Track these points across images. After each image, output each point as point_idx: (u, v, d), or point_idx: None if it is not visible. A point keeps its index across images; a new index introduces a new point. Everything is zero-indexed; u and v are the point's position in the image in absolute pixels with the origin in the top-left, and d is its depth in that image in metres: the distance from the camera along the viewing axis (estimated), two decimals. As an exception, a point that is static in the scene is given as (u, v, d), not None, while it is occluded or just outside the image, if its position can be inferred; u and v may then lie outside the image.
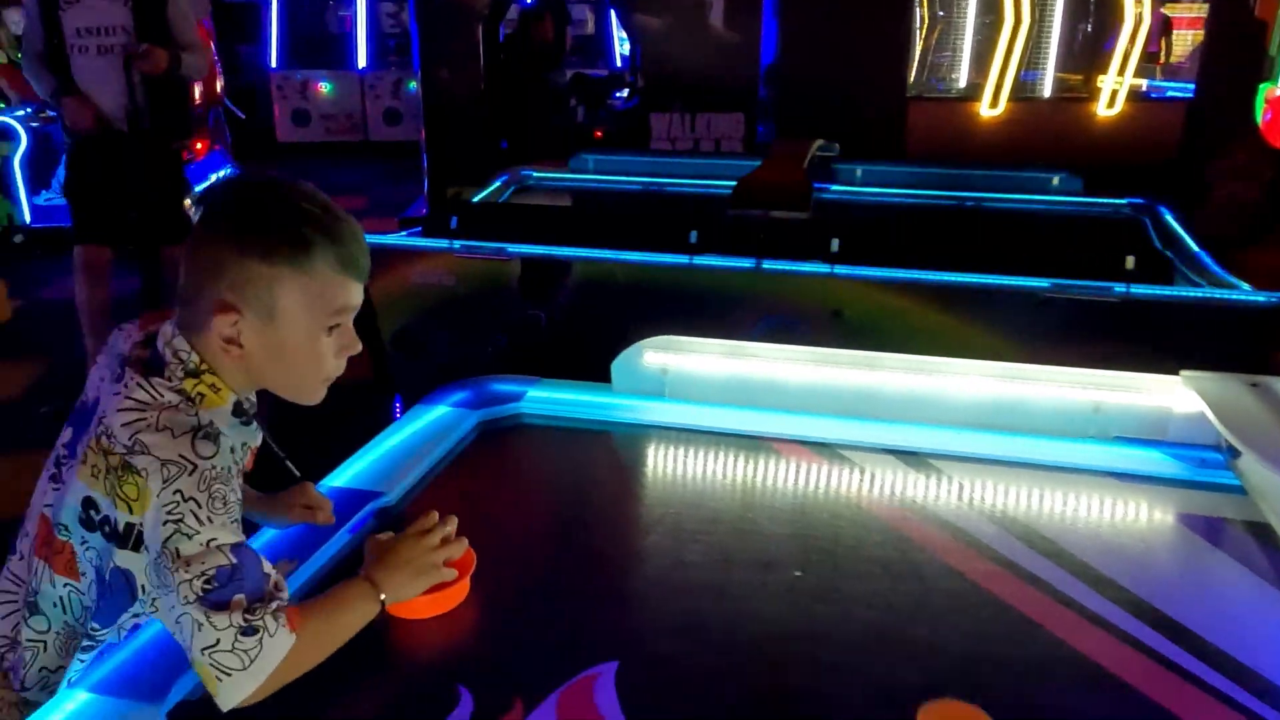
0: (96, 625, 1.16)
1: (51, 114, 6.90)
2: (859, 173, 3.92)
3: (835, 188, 3.81)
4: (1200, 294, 2.55)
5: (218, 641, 0.99)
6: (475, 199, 3.76)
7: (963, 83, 7.32)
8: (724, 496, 1.59)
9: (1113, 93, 6.18)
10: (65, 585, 1.12)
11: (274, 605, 1.04)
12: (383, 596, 1.13)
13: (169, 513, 1.01)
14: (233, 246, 1.05)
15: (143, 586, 1.12)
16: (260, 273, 1.05)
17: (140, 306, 3.92)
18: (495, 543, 1.47)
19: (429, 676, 1.13)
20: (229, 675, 1.00)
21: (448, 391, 1.90)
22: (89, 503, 1.07)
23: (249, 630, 1.00)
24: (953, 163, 4.09)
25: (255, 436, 1.22)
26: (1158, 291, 2.50)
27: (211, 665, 1.00)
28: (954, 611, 1.26)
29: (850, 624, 1.24)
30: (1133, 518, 1.52)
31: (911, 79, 6.73)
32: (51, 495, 1.14)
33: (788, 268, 2.70)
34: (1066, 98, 6.64)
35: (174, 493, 1.01)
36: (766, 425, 1.79)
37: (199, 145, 6.99)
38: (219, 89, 7.28)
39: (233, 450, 1.14)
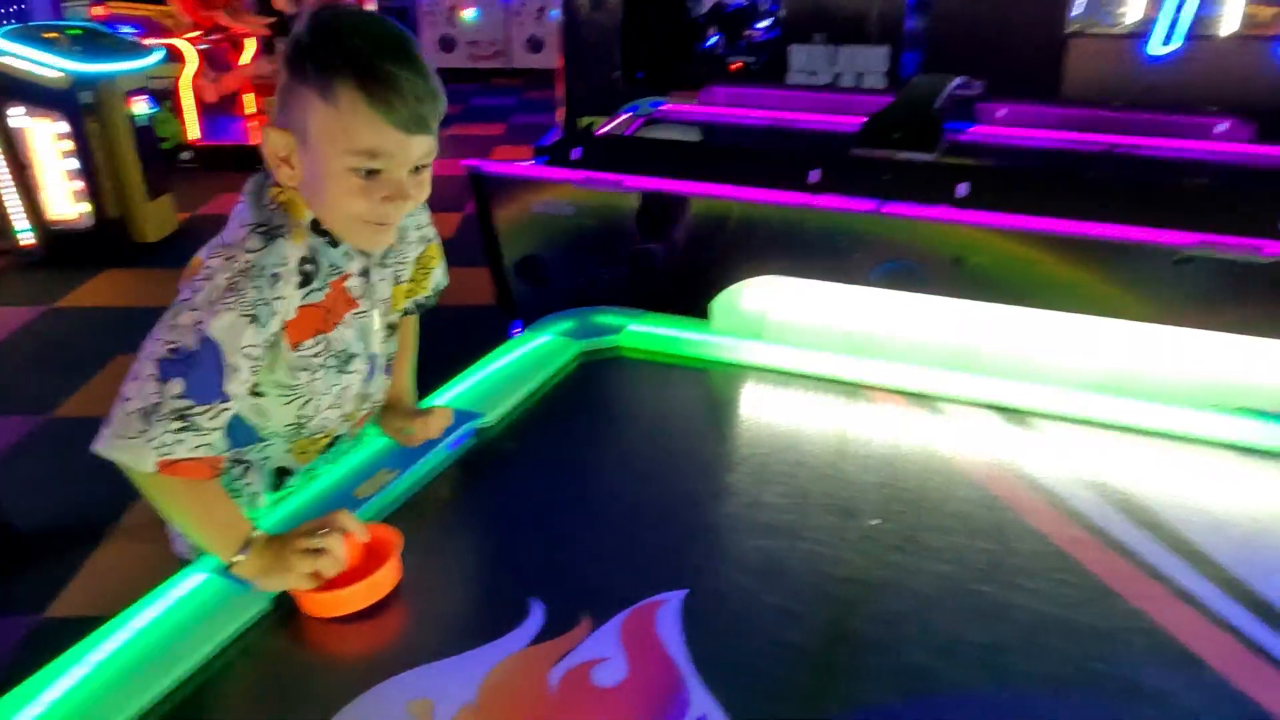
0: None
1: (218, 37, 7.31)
2: (1002, 113, 3.72)
3: (975, 128, 3.63)
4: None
5: (130, 400, 1.09)
6: (603, 130, 3.79)
7: (1132, 17, 6.76)
8: (813, 441, 1.60)
9: (1307, 30, 5.60)
10: None
11: (175, 428, 1.08)
12: (236, 559, 1.13)
13: (198, 277, 1.13)
14: (286, 65, 1.11)
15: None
16: (297, 93, 1.10)
17: None
18: (580, 468, 1.53)
19: (505, 588, 1.20)
20: (111, 427, 1.09)
21: (552, 320, 1.96)
22: None
23: (143, 416, 1.07)
24: (1107, 105, 3.82)
25: (344, 261, 1.25)
26: (1318, 254, 2.29)
27: (115, 409, 1.09)
28: (1028, 573, 1.23)
29: (921, 576, 1.24)
30: (1246, 495, 1.44)
31: (1077, 11, 6.28)
32: None
33: (910, 211, 2.62)
34: (1251, 35, 6.04)
35: (209, 265, 1.13)
36: (864, 372, 1.77)
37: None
38: (369, 14, 7.50)
39: (310, 262, 1.20)
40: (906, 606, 1.18)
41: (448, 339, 1.94)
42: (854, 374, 1.77)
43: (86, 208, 5.00)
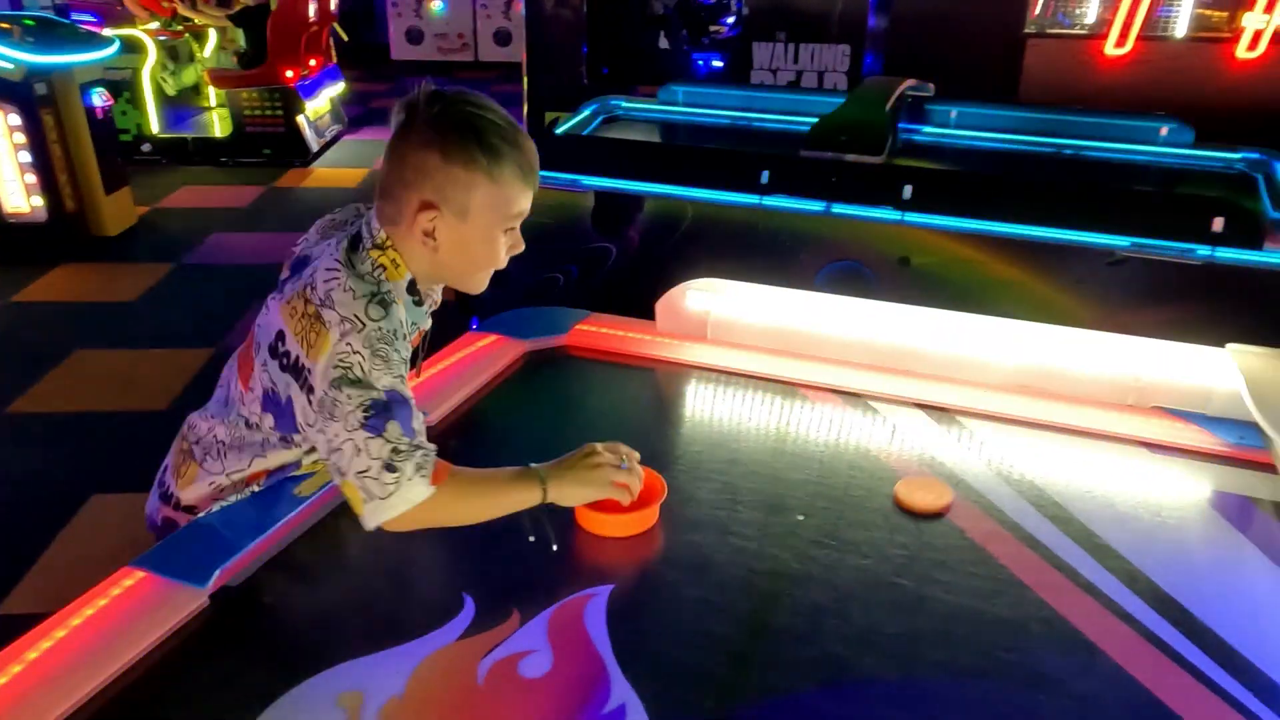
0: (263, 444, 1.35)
1: (179, 28, 7.24)
2: (954, 115, 3.79)
3: (927, 129, 3.70)
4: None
5: (368, 469, 1.17)
6: (562, 127, 3.81)
7: (1091, 18, 6.87)
8: (747, 439, 1.65)
9: (1256, 33, 5.73)
10: (236, 387, 1.35)
11: (418, 454, 1.18)
12: (547, 488, 1.26)
13: (340, 360, 1.18)
14: (438, 154, 1.21)
15: (300, 426, 1.27)
16: (460, 178, 1.21)
17: None
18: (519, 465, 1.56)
19: (439, 583, 1.24)
20: (371, 499, 1.17)
21: (501, 319, 2.00)
22: (281, 335, 1.25)
23: (390, 468, 1.16)
24: (1057, 107, 3.89)
25: (424, 319, 1.39)
26: (1246, 257, 2.38)
27: (360, 487, 1.17)
28: (943, 567, 1.29)
29: (841, 570, 1.29)
30: (1153, 490, 1.51)
31: (1037, 12, 6.38)
32: (261, 319, 1.33)
33: (857, 212, 2.68)
34: (1203, 37, 6.17)
35: (346, 344, 1.19)
36: (801, 372, 1.82)
37: (312, 62, 7.21)
38: (333, 6, 7.45)
39: (401, 321, 1.29)
40: (825, 599, 1.24)
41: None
42: (791, 374, 1.82)
43: (42, 201, 4.95)
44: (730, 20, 7.62)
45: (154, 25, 7.06)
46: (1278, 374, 1.56)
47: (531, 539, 1.30)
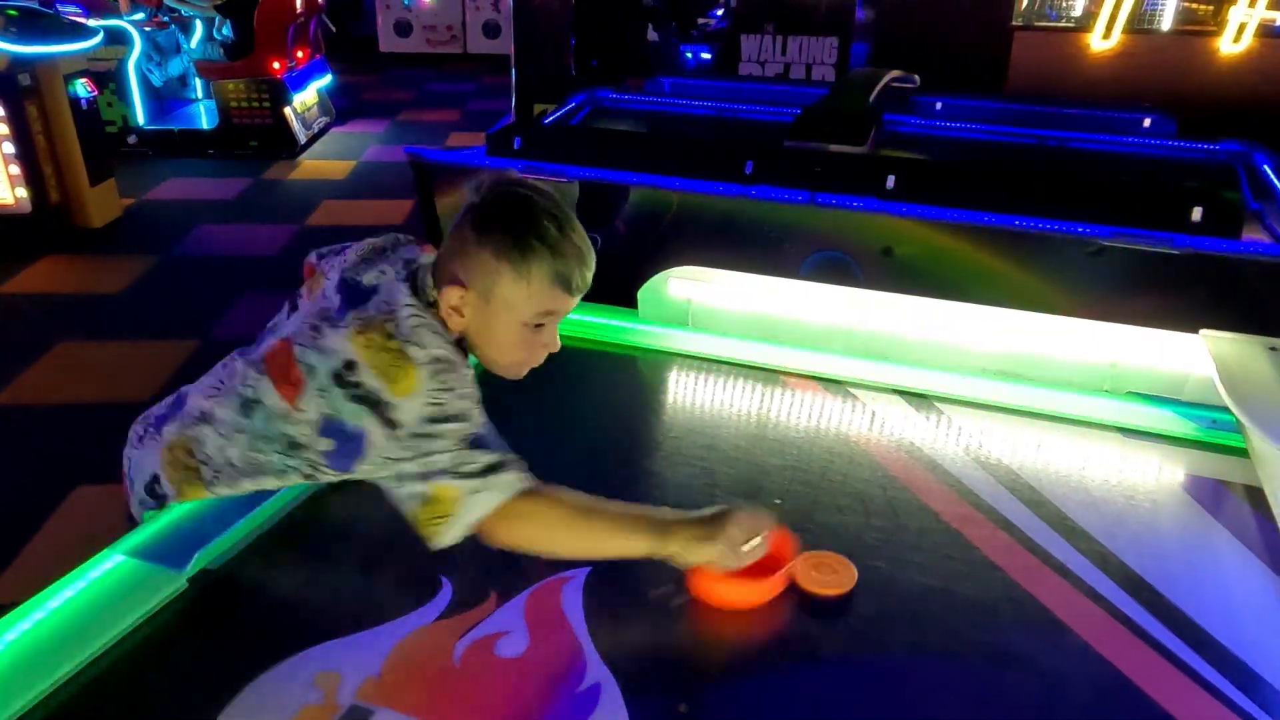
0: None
1: (165, 19, 7.21)
2: (938, 106, 3.80)
3: (912, 120, 3.71)
4: (1266, 251, 2.43)
5: (466, 466, 1.16)
6: (549, 119, 3.81)
7: (1078, 10, 6.90)
8: (726, 425, 1.66)
9: (1240, 26, 5.75)
10: (279, 402, 1.25)
11: (518, 464, 1.19)
12: (670, 542, 1.18)
13: (434, 399, 1.18)
14: (477, 236, 1.20)
15: (371, 459, 1.23)
16: (489, 264, 1.20)
17: None
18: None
19: (417, 565, 1.24)
20: (464, 497, 1.15)
21: (482, 308, 2.00)
22: (351, 365, 1.21)
23: (491, 469, 1.17)
24: (1041, 99, 3.92)
25: None
26: (1222, 246, 2.40)
27: (454, 484, 1.16)
28: (916, 549, 1.31)
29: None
30: (1125, 473, 1.52)
31: (1024, 5, 6.40)
32: (296, 327, 1.28)
33: (840, 202, 2.69)
34: (1188, 30, 6.20)
35: (439, 381, 1.18)
36: (781, 359, 1.83)
37: (300, 54, 7.19)
38: (320, -2, 7.41)
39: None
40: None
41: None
42: (771, 360, 1.83)
43: (26, 192, 4.92)
44: (720, 12, 7.65)
45: (139, 16, 7.01)
46: (1250, 359, 1.58)
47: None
